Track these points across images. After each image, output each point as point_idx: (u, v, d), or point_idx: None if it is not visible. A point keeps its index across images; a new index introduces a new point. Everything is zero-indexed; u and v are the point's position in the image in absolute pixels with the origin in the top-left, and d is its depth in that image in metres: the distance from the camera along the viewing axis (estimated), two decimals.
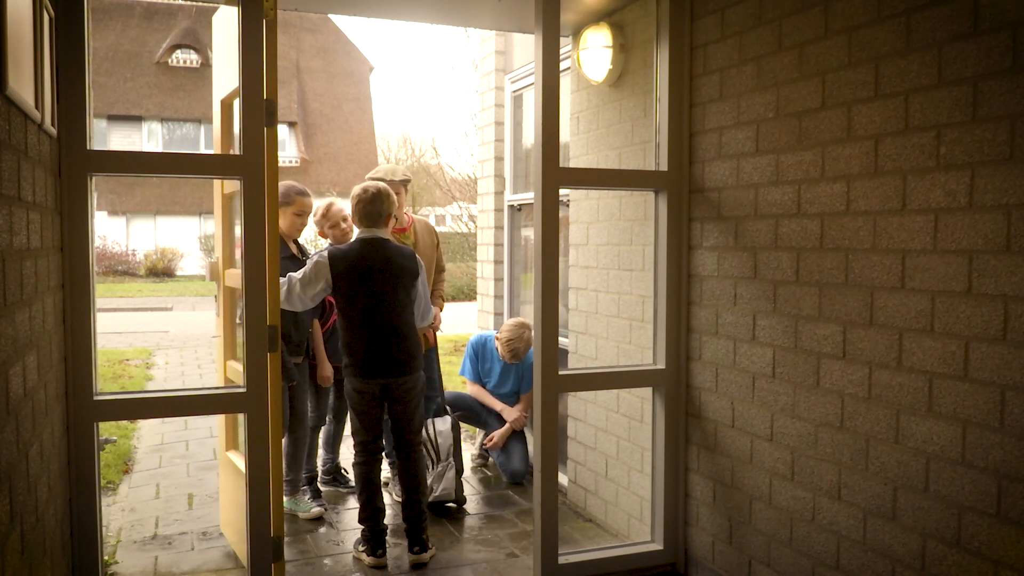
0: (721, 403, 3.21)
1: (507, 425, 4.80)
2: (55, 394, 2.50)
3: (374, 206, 3.63)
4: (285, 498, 4.08)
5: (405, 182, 4.37)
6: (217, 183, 3.71)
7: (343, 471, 4.74)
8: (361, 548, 3.69)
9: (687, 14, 3.32)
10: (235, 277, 3.51)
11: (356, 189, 3.68)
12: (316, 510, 4.18)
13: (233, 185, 3.48)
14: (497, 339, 4.81)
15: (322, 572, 3.60)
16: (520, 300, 5.63)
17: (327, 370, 4.36)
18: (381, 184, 3.70)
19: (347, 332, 3.63)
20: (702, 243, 3.29)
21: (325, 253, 3.63)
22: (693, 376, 3.37)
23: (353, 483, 4.56)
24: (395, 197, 3.76)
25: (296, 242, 4.23)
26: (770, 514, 2.96)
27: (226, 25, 3.28)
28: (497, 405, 4.91)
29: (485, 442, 4.84)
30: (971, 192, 2.19)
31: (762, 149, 2.95)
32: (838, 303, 2.63)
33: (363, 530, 3.66)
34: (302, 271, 3.64)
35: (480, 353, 4.96)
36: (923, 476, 2.36)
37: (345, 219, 4.37)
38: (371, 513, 3.64)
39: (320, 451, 4.67)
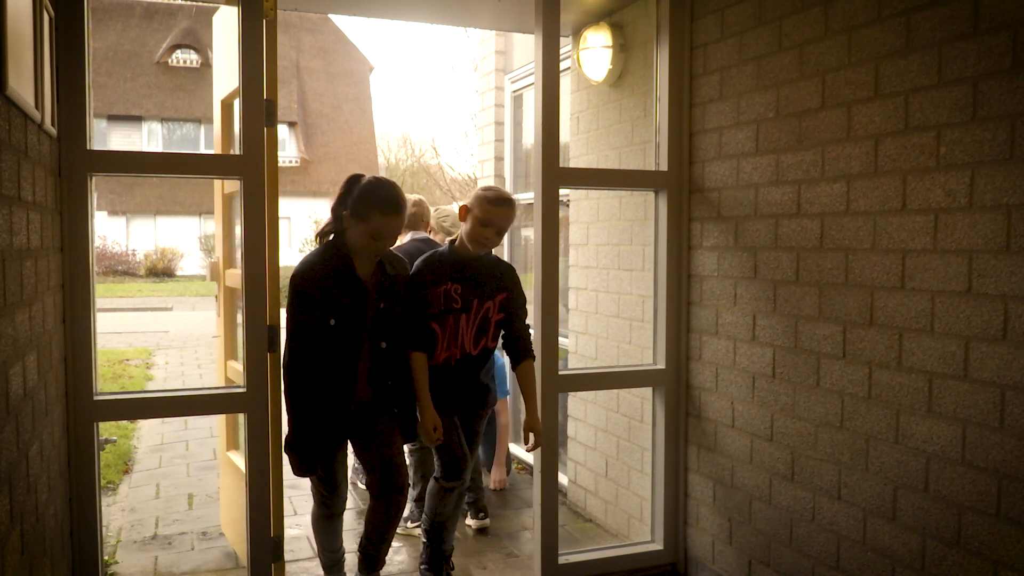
0: (721, 403, 3.20)
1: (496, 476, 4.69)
2: (55, 394, 2.50)
3: (418, 208, 4.12)
4: None
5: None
6: (217, 183, 3.71)
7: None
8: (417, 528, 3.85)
9: (687, 14, 3.32)
10: (235, 277, 3.50)
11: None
12: None
13: (234, 185, 3.47)
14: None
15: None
16: None
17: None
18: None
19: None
20: (702, 243, 3.29)
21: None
22: (693, 376, 3.37)
23: None
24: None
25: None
26: (770, 514, 2.96)
27: (226, 25, 3.28)
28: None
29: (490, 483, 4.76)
30: (971, 192, 2.19)
31: (762, 149, 2.95)
32: (838, 303, 2.63)
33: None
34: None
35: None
36: (923, 476, 2.36)
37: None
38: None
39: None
